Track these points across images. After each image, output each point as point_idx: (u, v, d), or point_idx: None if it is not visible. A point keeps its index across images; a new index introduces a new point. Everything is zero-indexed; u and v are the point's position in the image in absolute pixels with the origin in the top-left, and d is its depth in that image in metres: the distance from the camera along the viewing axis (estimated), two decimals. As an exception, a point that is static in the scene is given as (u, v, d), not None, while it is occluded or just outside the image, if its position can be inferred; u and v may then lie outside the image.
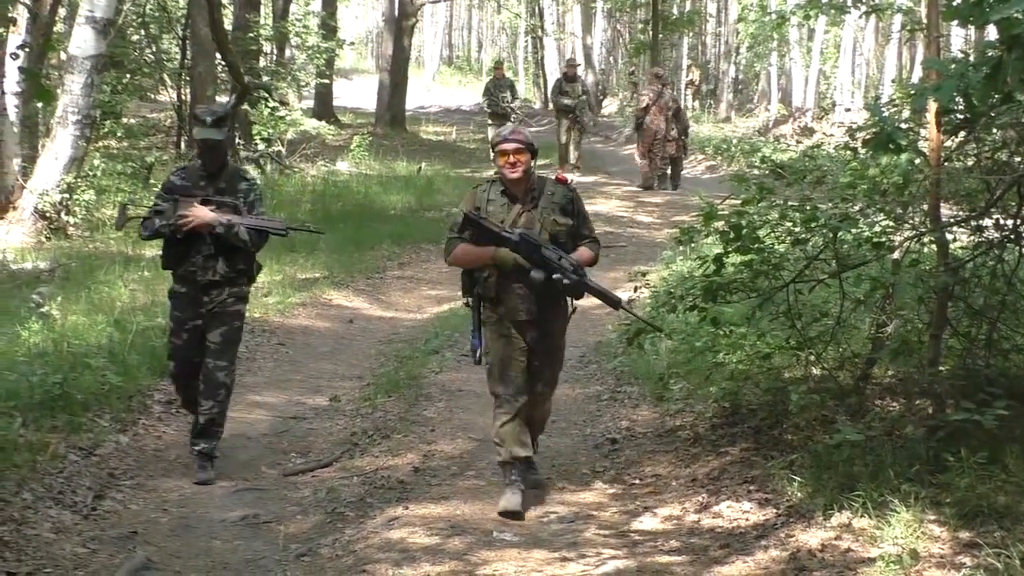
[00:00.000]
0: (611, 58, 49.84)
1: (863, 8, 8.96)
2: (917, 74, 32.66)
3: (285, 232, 8.21)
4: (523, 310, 7.02)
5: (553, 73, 43.97)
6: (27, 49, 15.04)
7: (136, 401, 9.03)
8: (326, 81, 33.25)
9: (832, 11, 10.06)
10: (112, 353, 9.46)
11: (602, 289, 7.10)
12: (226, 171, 8.01)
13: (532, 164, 7.02)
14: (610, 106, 43.30)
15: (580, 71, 28.93)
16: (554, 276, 6.77)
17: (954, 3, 6.15)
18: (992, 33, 18.65)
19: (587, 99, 25.89)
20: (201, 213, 7.68)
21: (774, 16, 25.70)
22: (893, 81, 31.29)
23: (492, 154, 7.24)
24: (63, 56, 16.37)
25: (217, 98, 21.89)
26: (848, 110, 30.42)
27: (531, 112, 24.60)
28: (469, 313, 7.24)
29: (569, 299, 7.17)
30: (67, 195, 15.13)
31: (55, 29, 20.63)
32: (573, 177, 22.02)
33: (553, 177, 7.42)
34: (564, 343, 7.47)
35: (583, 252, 7.10)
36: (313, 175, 22.40)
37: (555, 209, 7.04)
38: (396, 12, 34.04)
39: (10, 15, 11.39)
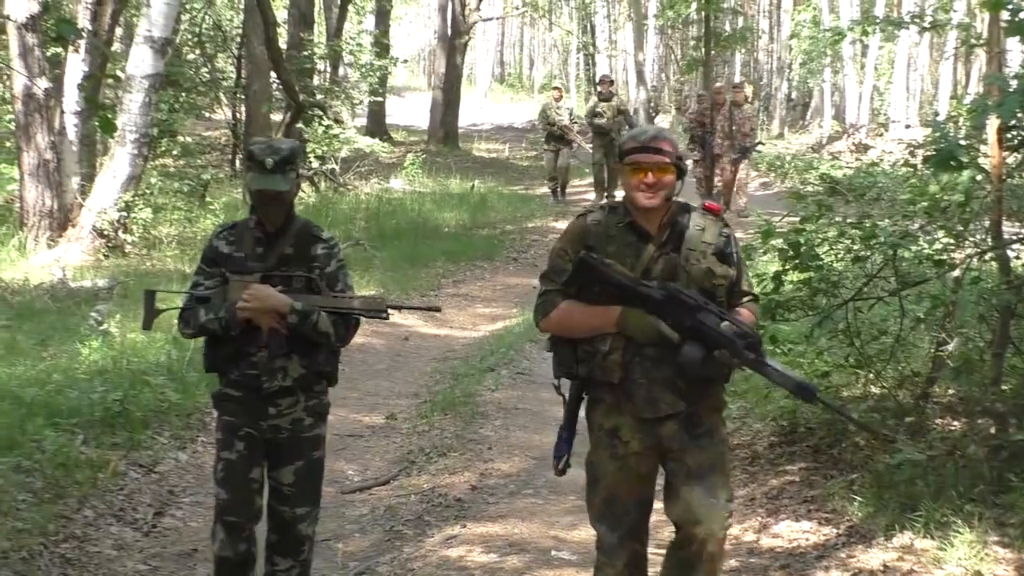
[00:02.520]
0: (663, 75, 49.74)
1: (921, 25, 8.89)
2: (973, 90, 32.45)
3: (386, 315, 5.57)
4: (662, 403, 4.83)
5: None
6: (90, 77, 15.22)
7: (195, 418, 9.06)
8: (379, 99, 33.38)
9: (889, 27, 10.02)
10: (171, 371, 9.51)
11: (789, 374, 4.85)
12: (292, 230, 5.47)
13: (678, 188, 4.88)
14: (662, 123, 43.21)
15: (632, 88, 28.52)
16: (718, 353, 4.69)
17: (1017, 18, 6.12)
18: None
19: (624, 119, 23.44)
20: (264, 297, 5.30)
21: (828, 32, 25.58)
22: (952, 98, 31.03)
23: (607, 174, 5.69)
24: (120, 75, 16.48)
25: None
26: (908, 127, 30.22)
27: (583, 130, 23.72)
28: (526, 330, 6.93)
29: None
30: (125, 213, 15.24)
31: (112, 48, 20.79)
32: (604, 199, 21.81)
33: (699, 205, 5.21)
34: (726, 455, 5.14)
35: (746, 315, 4.93)
36: (367, 193, 22.48)
37: (707, 253, 4.88)
38: (449, 30, 34.14)
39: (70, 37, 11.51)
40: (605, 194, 22.83)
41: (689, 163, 22.36)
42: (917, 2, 32.56)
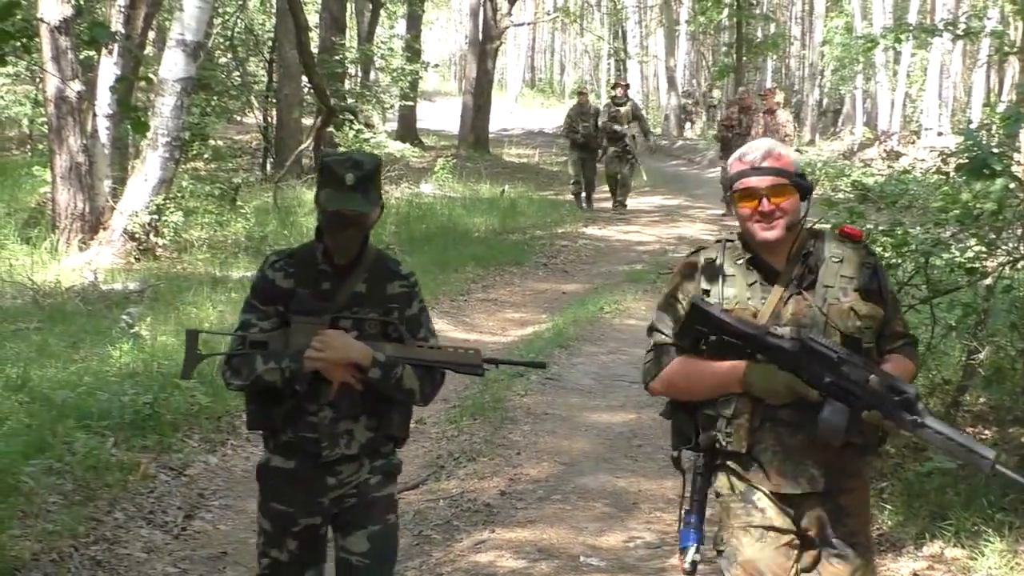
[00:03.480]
0: (694, 81, 49.69)
1: (955, 32, 8.86)
2: (1006, 97, 32.30)
3: (481, 371, 4.61)
4: (801, 476, 4.06)
5: (635, 96, 44.06)
6: (122, 80, 15.27)
7: (224, 422, 9.09)
8: (410, 103, 33.47)
9: (923, 35, 9.99)
10: (201, 374, 9.51)
11: (958, 438, 3.85)
12: (365, 263, 4.60)
13: (803, 211, 4.10)
14: (692, 128, 43.18)
15: (664, 94, 28.34)
16: (865, 414, 3.87)
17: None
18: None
19: (640, 125, 22.93)
20: (342, 346, 4.42)
21: (861, 39, 25.52)
22: (985, 106, 30.91)
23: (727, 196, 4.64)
24: (152, 78, 16.55)
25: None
26: (941, 134, 30.13)
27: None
28: (555, 335, 6.84)
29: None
30: (156, 216, 15.29)
31: (145, 52, 20.90)
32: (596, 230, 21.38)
33: (831, 229, 4.58)
34: (870, 537, 4.46)
35: (900, 365, 4.08)
36: (397, 197, 22.49)
37: (847, 289, 4.09)
38: (480, 35, 34.19)
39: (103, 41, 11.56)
40: (617, 202, 22.60)
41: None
42: (951, 9, 32.43)
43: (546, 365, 7.51)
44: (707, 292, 4.08)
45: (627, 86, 24.66)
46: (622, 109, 22.34)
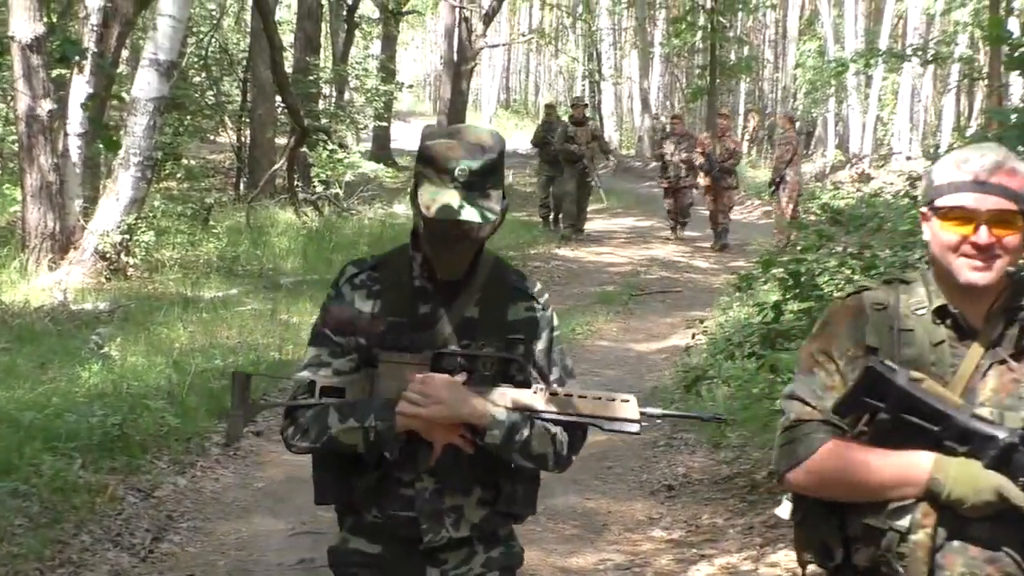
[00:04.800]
0: (668, 103, 49.82)
1: (924, 58, 8.92)
2: (976, 122, 32.52)
3: (638, 428, 3.37)
4: None
5: (609, 118, 44.19)
6: (94, 97, 15.24)
7: (194, 443, 9.05)
8: (384, 124, 33.48)
9: (893, 59, 10.05)
10: (170, 395, 9.51)
11: None
12: (478, 279, 3.41)
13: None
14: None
15: (637, 115, 28.27)
16: None
17: (1016, 53, 6.15)
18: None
19: (599, 145, 22.29)
20: (450, 401, 3.22)
21: (832, 63, 25.68)
22: (954, 130, 31.15)
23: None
24: (125, 97, 16.52)
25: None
26: (909, 158, 30.32)
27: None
28: None
29: None
30: (127, 236, 15.25)
31: (118, 71, 20.87)
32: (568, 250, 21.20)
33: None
34: None
35: None
36: (370, 217, 22.50)
37: None
38: (455, 56, 34.23)
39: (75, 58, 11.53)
40: (573, 228, 21.98)
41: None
42: (922, 34, 32.66)
43: (724, 419, 5.34)
44: (873, 350, 2.99)
45: (586, 106, 24.18)
46: (580, 129, 21.80)
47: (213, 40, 27.08)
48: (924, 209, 3.04)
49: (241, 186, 24.82)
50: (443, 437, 3.24)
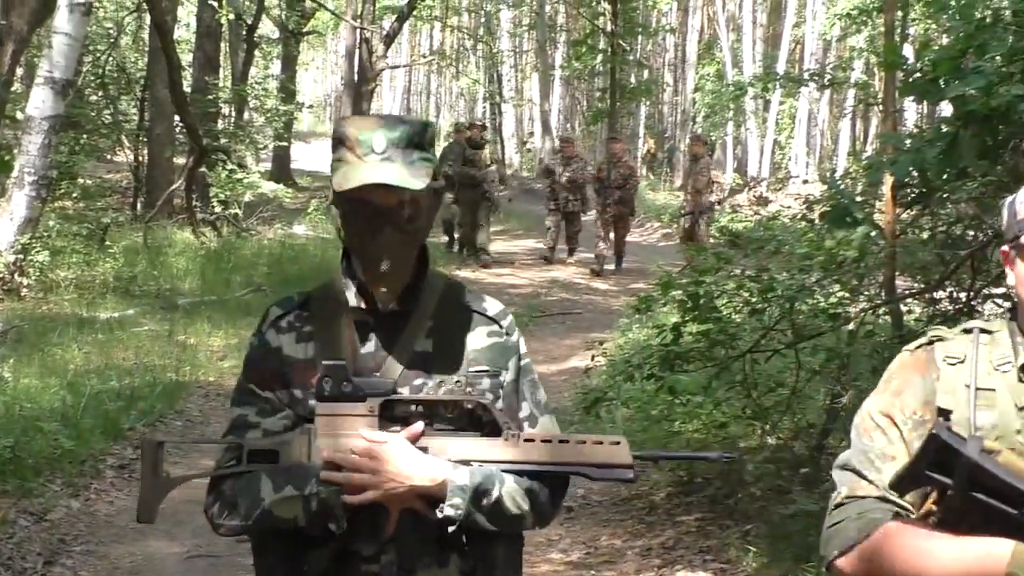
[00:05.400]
0: (568, 125, 50.06)
1: (820, 82, 9.06)
2: (871, 146, 33.06)
3: (632, 475, 2.79)
4: None
5: (509, 140, 44.33)
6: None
7: (88, 465, 8.92)
8: (284, 144, 33.33)
9: (790, 84, 10.21)
10: (65, 417, 9.37)
11: None
12: (426, 297, 2.93)
13: None
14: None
15: (538, 137, 28.20)
16: None
17: (911, 79, 6.25)
18: (947, 109, 18.93)
19: (498, 169, 21.75)
20: (394, 466, 2.68)
21: (731, 86, 26.00)
22: (850, 154, 31.67)
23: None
24: (19, 116, 16.29)
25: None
26: (806, 181, 30.76)
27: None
28: None
29: None
30: (21, 256, 15.01)
31: (12, 89, 20.57)
32: (467, 278, 21.07)
33: None
34: None
35: None
36: (270, 238, 22.35)
37: None
38: (356, 76, 34.15)
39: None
40: (482, 251, 21.28)
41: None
42: (818, 59, 33.13)
43: (733, 458, 4.02)
44: (946, 414, 2.50)
45: (483, 127, 23.30)
46: (478, 152, 21.25)
47: (110, 59, 26.78)
48: (1006, 247, 2.61)
49: (138, 206, 24.53)
50: (399, 502, 2.70)
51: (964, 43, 5.68)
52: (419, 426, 2.74)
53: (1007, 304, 2.87)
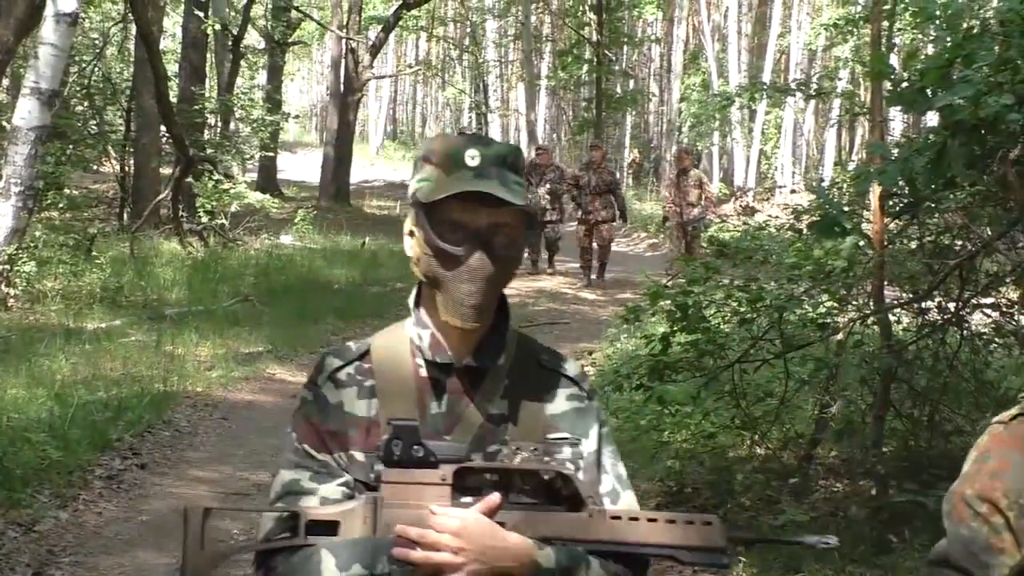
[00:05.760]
0: (555, 135, 50.12)
1: (807, 92, 9.10)
2: (856, 156, 33.14)
3: (727, 562, 2.46)
4: None
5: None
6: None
7: (76, 476, 8.89)
8: (271, 154, 33.33)
9: (777, 94, 10.24)
10: (52, 427, 9.34)
11: None
12: (504, 360, 2.60)
13: None
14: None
15: (524, 147, 28.13)
16: None
17: (898, 89, 6.27)
18: (932, 119, 19.00)
19: None
20: (477, 543, 2.36)
21: (718, 97, 26.04)
22: (836, 164, 31.77)
23: None
24: (5, 126, 16.26)
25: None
26: (794, 191, 30.83)
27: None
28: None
29: None
30: (8, 267, 14.98)
31: (-1, 99, 20.59)
32: None
33: None
34: None
35: None
36: (256, 248, 22.34)
37: None
38: (342, 87, 34.17)
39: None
40: None
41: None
42: (803, 69, 33.22)
43: (837, 544, 3.87)
44: None
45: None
46: None
47: (96, 69, 26.75)
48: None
49: (125, 216, 24.52)
50: None
51: (952, 53, 5.70)
52: (496, 498, 2.41)
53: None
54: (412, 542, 2.37)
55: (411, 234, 2.57)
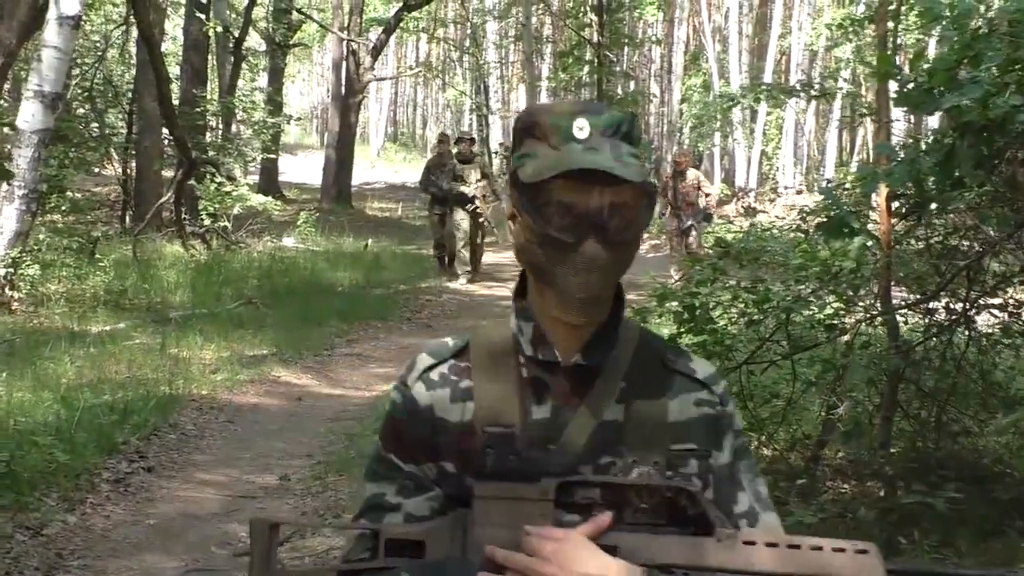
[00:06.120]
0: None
1: (811, 93, 9.10)
2: (858, 156, 33.16)
3: None
4: None
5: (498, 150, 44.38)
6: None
7: (83, 479, 8.90)
8: (272, 156, 33.36)
9: (781, 96, 10.26)
10: (59, 431, 9.35)
11: None
12: (620, 358, 2.28)
13: None
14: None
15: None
16: None
17: (904, 90, 6.27)
18: (933, 120, 19.00)
19: (489, 184, 20.47)
20: (576, 569, 2.01)
21: (721, 98, 26.04)
22: (841, 165, 31.81)
23: None
24: (17, 127, 16.26)
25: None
26: (800, 192, 30.85)
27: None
28: None
29: None
30: (12, 270, 15.00)
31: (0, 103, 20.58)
32: (461, 283, 20.64)
33: None
34: None
35: None
36: (259, 251, 22.36)
37: None
38: (343, 89, 34.18)
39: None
40: (467, 273, 20.75)
41: None
42: (804, 70, 33.23)
43: None
44: None
45: (472, 140, 21.54)
46: (468, 167, 20.31)
47: (97, 71, 26.77)
48: None
49: (127, 219, 24.56)
50: None
51: (959, 54, 5.70)
52: (606, 518, 2.08)
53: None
54: (499, 566, 2.09)
55: (512, 217, 2.26)
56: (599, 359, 2.23)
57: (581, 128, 2.13)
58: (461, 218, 20.33)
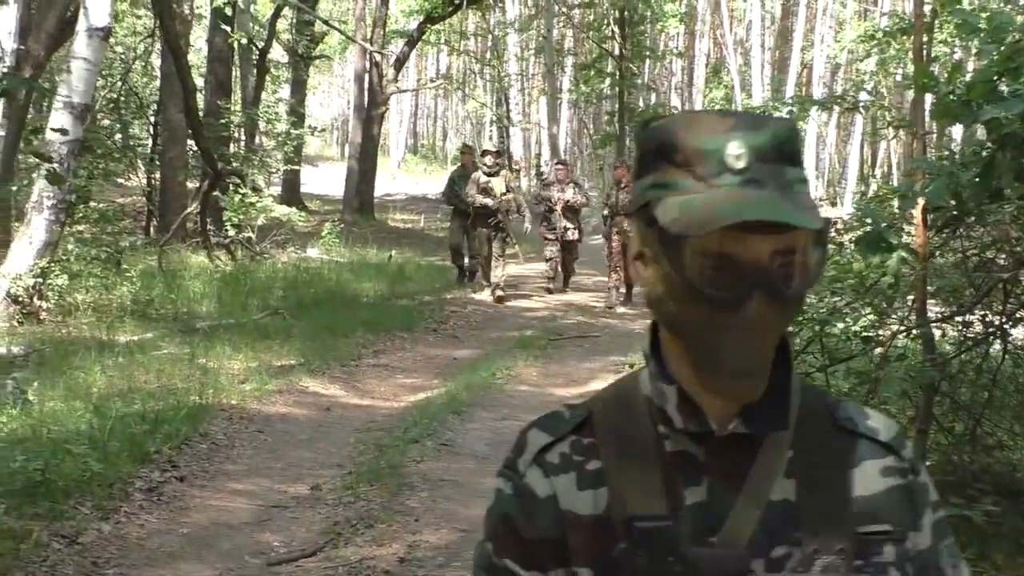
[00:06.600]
0: (576, 148, 50.18)
1: (844, 105, 9.10)
2: (880, 169, 33.12)
3: None
4: None
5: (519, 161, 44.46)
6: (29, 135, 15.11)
7: (117, 488, 8.93)
8: (295, 167, 33.47)
9: (815, 108, 10.27)
10: (92, 439, 9.39)
11: None
12: (783, 414, 1.75)
13: None
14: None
15: (546, 160, 27.92)
16: None
17: (943, 102, 6.27)
18: (956, 132, 18.96)
19: (514, 198, 20.14)
20: None
21: (758, 110, 26.04)
22: (866, 177, 31.77)
23: None
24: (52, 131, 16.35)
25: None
26: (834, 204, 30.82)
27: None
28: (448, 401, 5.84)
29: None
30: (40, 280, 15.07)
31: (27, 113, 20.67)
32: (483, 294, 20.48)
33: None
34: None
35: None
36: (284, 262, 22.42)
37: None
38: (366, 101, 34.27)
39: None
40: (495, 288, 20.29)
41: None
42: (826, 83, 33.22)
43: None
44: None
45: (498, 153, 21.18)
46: (493, 180, 19.85)
47: (122, 83, 26.90)
48: None
49: (152, 229, 24.67)
50: None
51: (1000, 66, 5.71)
52: None
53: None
54: None
55: (640, 257, 1.79)
56: (764, 426, 1.75)
57: (737, 156, 1.64)
58: (484, 237, 20.03)
